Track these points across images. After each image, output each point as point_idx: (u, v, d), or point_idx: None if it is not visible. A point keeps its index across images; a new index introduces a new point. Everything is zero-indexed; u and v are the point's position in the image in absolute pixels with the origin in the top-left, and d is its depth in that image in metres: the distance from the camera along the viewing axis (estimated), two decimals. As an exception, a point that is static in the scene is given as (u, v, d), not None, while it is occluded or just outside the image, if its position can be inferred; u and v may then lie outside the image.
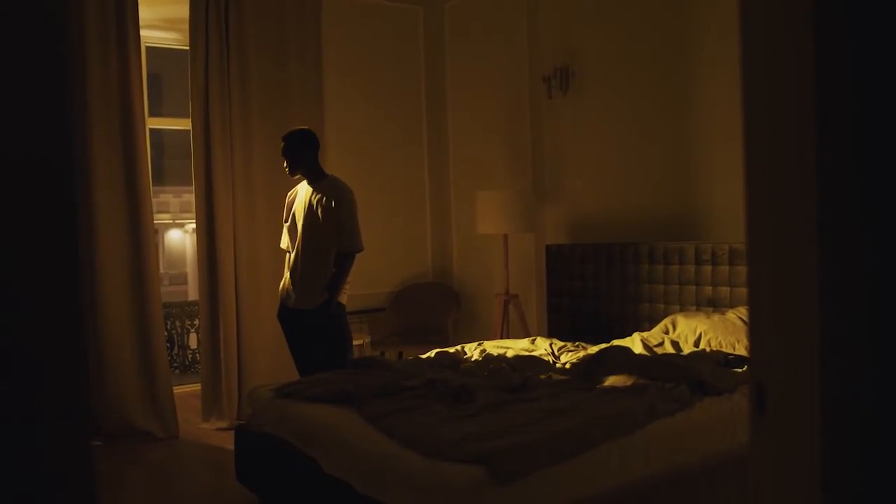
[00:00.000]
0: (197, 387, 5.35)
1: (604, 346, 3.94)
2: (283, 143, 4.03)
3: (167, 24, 5.36)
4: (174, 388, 5.05)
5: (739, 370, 3.40)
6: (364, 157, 5.81)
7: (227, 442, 4.17)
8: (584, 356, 3.76)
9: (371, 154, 5.88)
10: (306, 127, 4.21)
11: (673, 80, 4.45)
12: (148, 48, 5.35)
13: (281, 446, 3.20)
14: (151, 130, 5.25)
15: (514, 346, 4.23)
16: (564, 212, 5.19)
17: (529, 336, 4.69)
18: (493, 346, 4.26)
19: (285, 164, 4.03)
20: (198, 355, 6.40)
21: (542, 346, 4.20)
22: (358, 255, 4.07)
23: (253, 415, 3.57)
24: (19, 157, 0.73)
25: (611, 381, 3.25)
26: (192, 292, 17.12)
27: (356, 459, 2.74)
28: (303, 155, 4.00)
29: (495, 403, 2.95)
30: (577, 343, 4.26)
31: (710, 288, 4.14)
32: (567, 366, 3.70)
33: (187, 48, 5.04)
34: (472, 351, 4.19)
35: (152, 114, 5.60)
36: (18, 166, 0.73)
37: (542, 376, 3.43)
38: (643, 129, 4.64)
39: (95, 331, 4.64)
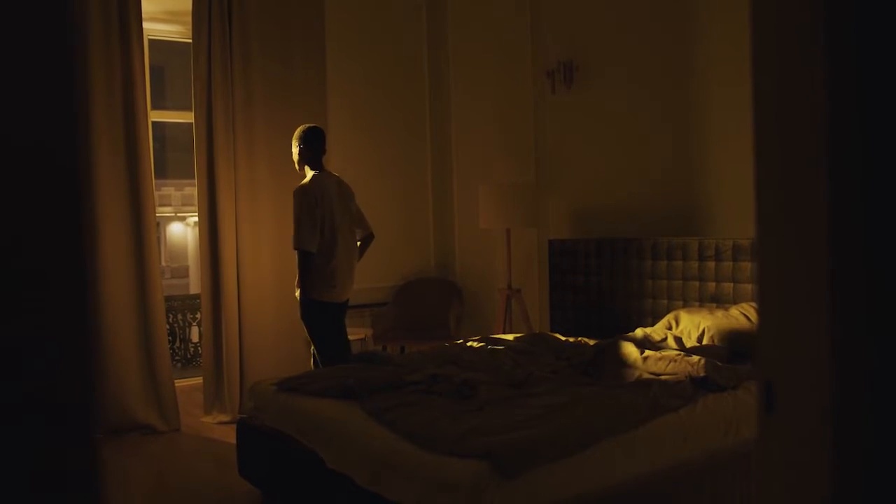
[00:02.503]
0: (199, 380, 5.35)
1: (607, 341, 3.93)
2: None
3: (170, 17, 5.34)
4: (176, 381, 5.05)
5: (742, 366, 3.39)
6: (366, 151, 5.81)
7: (229, 436, 4.17)
8: (586, 351, 3.75)
9: (373, 148, 5.87)
10: (313, 124, 4.27)
11: (676, 75, 4.43)
12: (151, 41, 5.34)
13: (283, 440, 3.20)
14: (154, 123, 5.24)
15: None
16: (567, 206, 5.17)
17: (532, 331, 4.68)
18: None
19: None
20: (199, 349, 6.41)
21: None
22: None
23: (255, 409, 3.57)
24: (22, 150, 0.72)
25: (614, 376, 3.24)
26: (194, 285, 17.14)
27: (358, 454, 2.74)
28: (300, 151, 4.14)
29: (498, 398, 2.94)
30: (579, 338, 4.25)
31: (714, 284, 4.13)
32: (570, 360, 3.70)
33: (190, 41, 5.03)
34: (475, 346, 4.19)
35: (155, 107, 5.59)
36: (21, 160, 0.72)
37: (544, 372, 3.42)
38: (646, 123, 4.62)
39: (97, 324, 4.64)
